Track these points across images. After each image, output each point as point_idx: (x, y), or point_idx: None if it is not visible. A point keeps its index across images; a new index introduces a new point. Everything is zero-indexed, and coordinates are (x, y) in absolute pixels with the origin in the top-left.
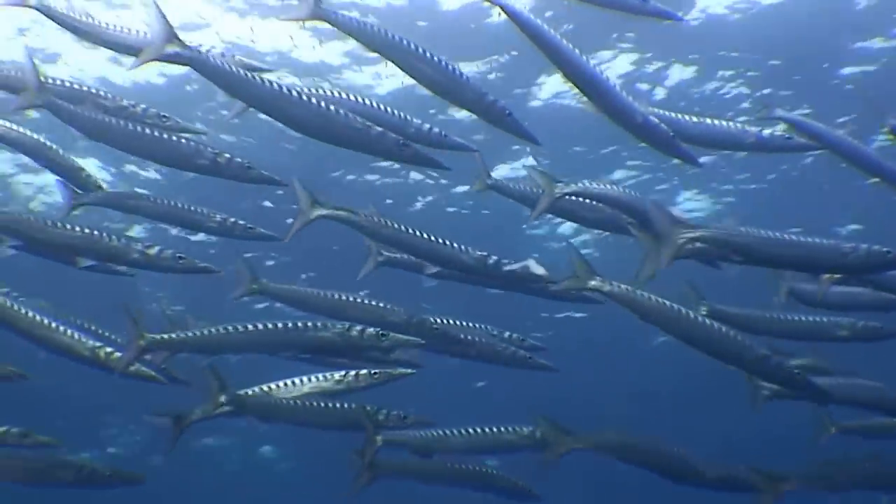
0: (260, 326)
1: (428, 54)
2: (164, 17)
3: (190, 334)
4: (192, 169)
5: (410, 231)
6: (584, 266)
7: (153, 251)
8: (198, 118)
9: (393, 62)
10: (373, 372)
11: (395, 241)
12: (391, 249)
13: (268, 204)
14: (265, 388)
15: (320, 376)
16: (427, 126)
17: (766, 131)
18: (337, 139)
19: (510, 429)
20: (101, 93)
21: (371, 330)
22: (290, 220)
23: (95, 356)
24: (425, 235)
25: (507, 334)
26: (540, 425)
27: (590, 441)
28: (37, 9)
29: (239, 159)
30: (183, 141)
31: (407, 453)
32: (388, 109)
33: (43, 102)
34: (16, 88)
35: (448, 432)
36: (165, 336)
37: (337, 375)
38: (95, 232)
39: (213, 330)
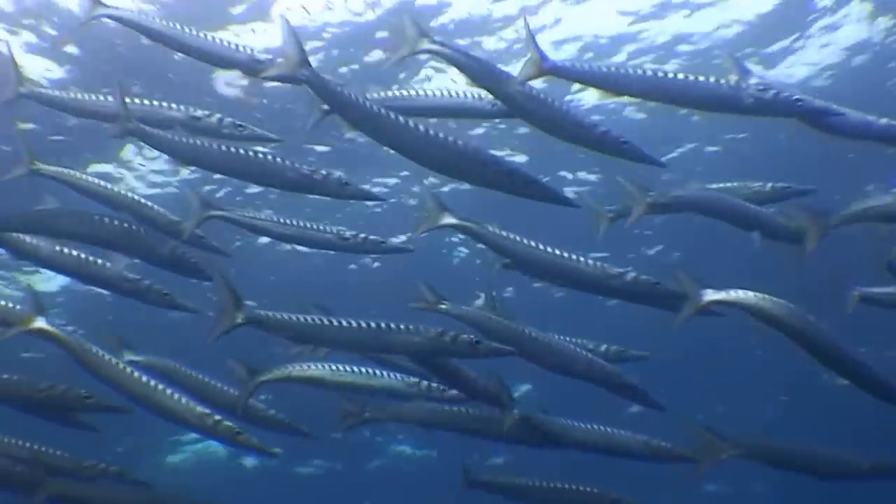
0: (353, 324)
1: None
2: (297, 38)
3: (286, 318)
4: (286, 186)
5: (538, 246)
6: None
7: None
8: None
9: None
10: None
11: (523, 257)
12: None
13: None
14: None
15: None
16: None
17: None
18: (462, 174)
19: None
20: (175, 105)
21: (465, 336)
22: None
23: (205, 425)
24: (556, 251)
25: (603, 347)
26: (697, 433)
27: (746, 447)
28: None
29: (337, 174)
30: (278, 159)
31: None
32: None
33: (133, 131)
34: (105, 117)
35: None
36: (264, 314)
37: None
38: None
39: (309, 319)
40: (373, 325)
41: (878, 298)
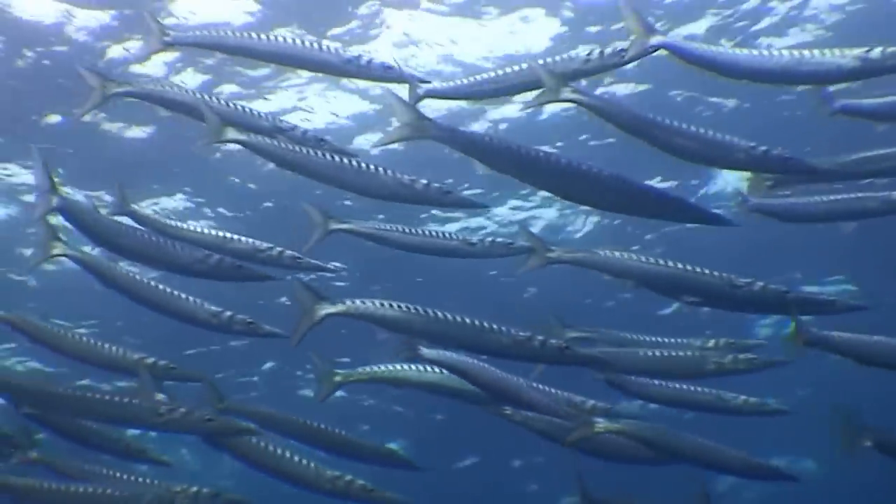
0: (443, 316)
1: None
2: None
3: (375, 305)
4: (389, 197)
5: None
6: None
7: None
8: None
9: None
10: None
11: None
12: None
13: None
14: None
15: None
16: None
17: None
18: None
19: None
20: (262, 113)
21: (554, 341)
22: None
23: (337, 488)
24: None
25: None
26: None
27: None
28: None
29: (437, 184)
30: (381, 170)
31: None
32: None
33: (230, 138)
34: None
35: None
36: (349, 302)
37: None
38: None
39: (400, 307)
40: (464, 319)
41: None
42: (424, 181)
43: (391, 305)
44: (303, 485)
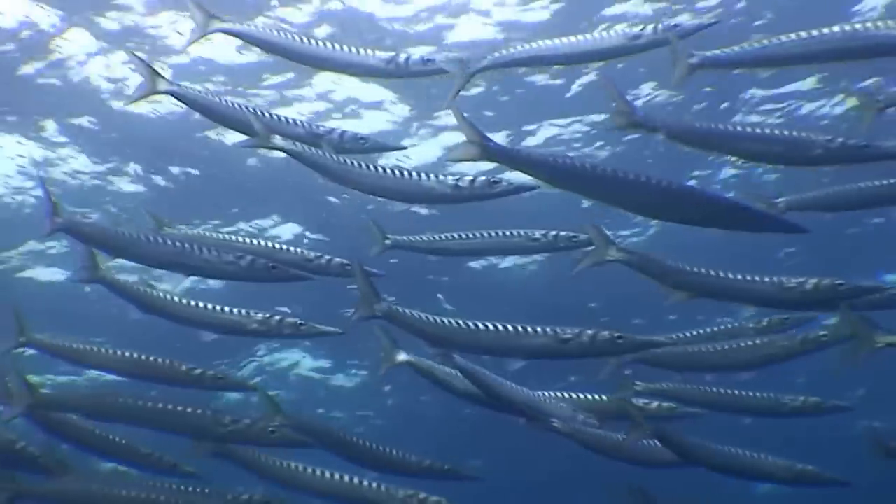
0: (490, 327)
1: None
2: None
3: (421, 317)
4: (437, 201)
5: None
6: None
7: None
8: None
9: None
10: None
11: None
12: None
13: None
14: None
15: None
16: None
17: None
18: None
19: None
20: (298, 122)
21: (605, 332)
22: None
23: None
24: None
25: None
26: None
27: None
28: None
29: (482, 178)
30: (423, 176)
31: None
32: None
33: (275, 145)
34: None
35: None
36: (399, 310)
37: None
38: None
39: (444, 321)
40: (510, 328)
41: None
42: (469, 178)
43: (437, 321)
44: None
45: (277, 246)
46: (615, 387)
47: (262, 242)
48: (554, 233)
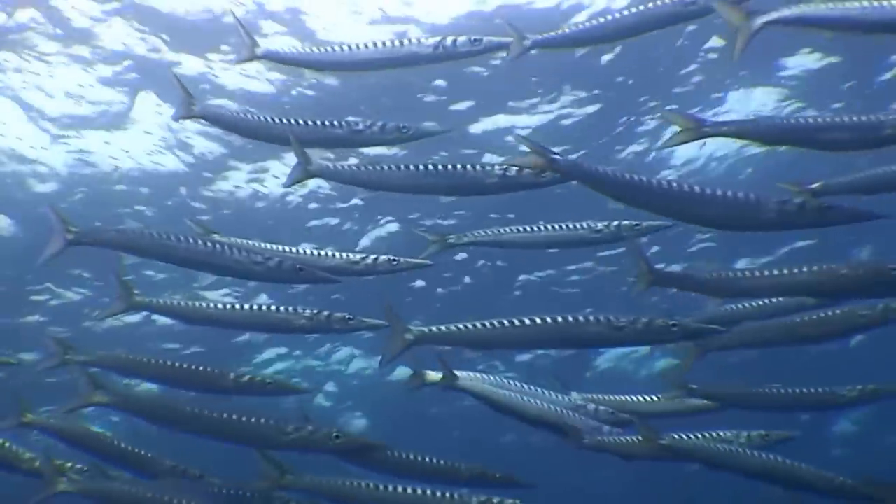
0: (537, 321)
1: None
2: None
3: (454, 329)
4: (483, 192)
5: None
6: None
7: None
8: None
9: None
10: None
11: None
12: None
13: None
14: None
15: None
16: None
17: None
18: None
19: None
20: (336, 122)
21: (659, 319)
22: None
23: None
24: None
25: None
26: None
27: None
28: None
29: (517, 171)
30: (469, 167)
31: None
32: None
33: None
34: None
35: None
36: (434, 329)
37: None
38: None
39: (483, 325)
40: (558, 319)
41: None
42: (515, 168)
43: (476, 325)
44: None
45: (321, 253)
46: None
47: (308, 250)
48: (616, 223)
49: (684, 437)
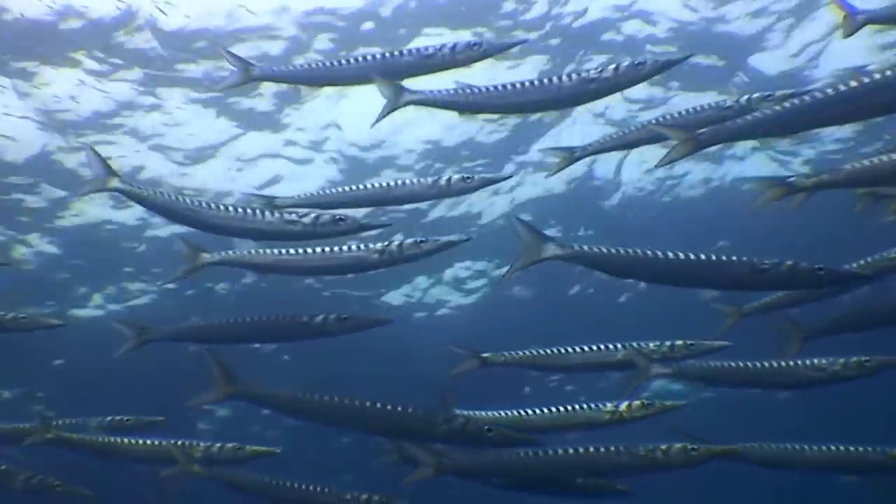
0: (675, 255)
1: None
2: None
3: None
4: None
5: None
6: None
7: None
8: None
9: None
10: None
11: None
12: None
13: None
14: None
15: None
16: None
17: None
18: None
19: None
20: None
21: (804, 264)
22: None
23: None
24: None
25: None
26: None
27: None
28: None
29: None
30: (563, 77)
31: None
32: None
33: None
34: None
35: None
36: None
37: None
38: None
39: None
40: (703, 257)
41: None
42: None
43: (620, 251)
44: None
45: (391, 183)
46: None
47: (378, 184)
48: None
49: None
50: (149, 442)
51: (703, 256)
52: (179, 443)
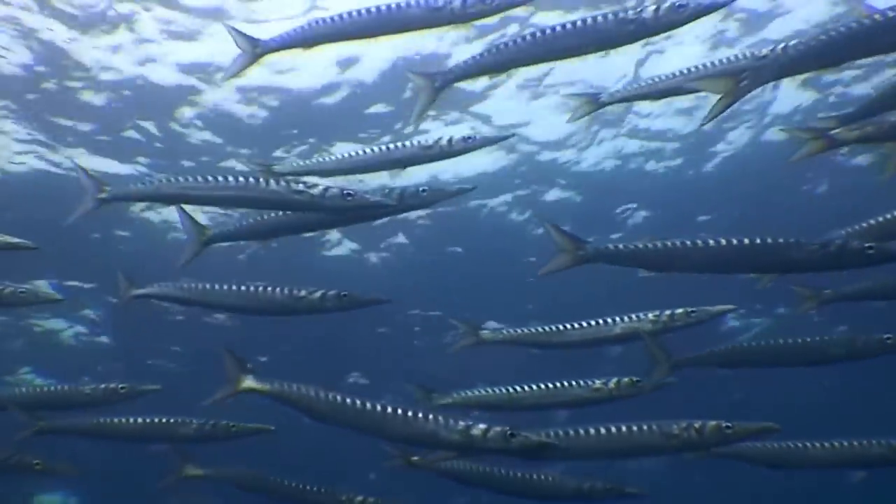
0: (706, 242)
1: None
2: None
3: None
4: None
5: None
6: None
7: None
8: None
9: None
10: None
11: None
12: None
13: None
14: None
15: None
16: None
17: None
18: None
19: None
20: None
21: (855, 243)
22: None
23: None
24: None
25: None
26: None
27: None
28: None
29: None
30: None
31: None
32: None
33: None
34: None
35: None
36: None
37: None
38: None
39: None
40: (745, 241)
41: None
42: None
43: (650, 245)
44: None
45: (422, 142)
46: None
47: (409, 143)
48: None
49: None
50: (140, 420)
51: (746, 241)
52: (172, 420)
